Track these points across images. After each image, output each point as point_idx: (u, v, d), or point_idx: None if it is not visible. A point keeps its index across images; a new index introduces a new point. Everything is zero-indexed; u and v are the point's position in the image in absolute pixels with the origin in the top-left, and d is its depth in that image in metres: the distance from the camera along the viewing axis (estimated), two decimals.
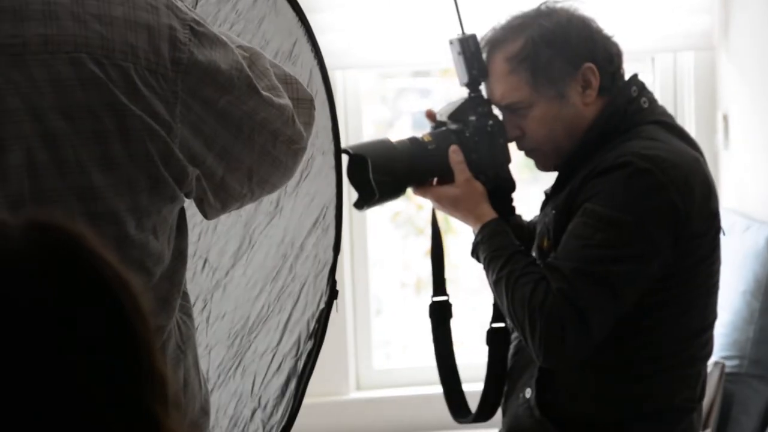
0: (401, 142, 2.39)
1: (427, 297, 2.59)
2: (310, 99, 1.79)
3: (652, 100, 2.42)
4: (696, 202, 2.26)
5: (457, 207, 2.44)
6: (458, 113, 2.48)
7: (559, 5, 2.43)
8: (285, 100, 1.72)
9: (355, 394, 3.90)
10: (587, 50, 2.37)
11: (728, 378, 3.23)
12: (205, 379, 1.79)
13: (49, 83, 1.54)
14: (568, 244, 2.25)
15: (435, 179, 2.46)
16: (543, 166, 2.46)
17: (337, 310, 1.90)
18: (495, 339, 2.48)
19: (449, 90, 3.93)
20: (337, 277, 1.93)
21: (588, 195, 2.25)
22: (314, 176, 1.95)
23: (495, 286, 2.33)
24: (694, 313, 2.33)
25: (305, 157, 1.83)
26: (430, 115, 2.51)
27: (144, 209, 1.59)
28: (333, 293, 1.90)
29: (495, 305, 2.46)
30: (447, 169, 2.43)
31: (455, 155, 2.42)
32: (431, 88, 4.34)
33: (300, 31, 1.94)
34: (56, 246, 1.27)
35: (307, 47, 1.94)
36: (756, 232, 3.31)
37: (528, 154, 2.45)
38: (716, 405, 3.21)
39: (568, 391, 2.35)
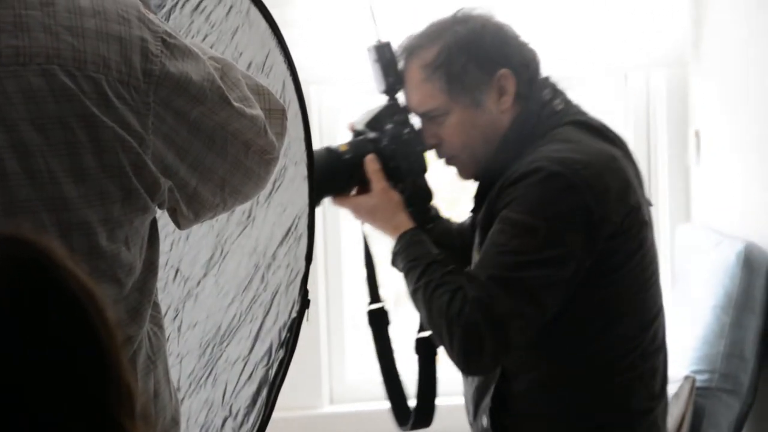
0: (317, 152, 2.33)
1: (406, 310, 2.59)
2: (282, 109, 1.80)
3: (567, 102, 2.41)
4: (611, 200, 2.25)
5: (375, 217, 2.44)
6: (375, 121, 2.48)
7: (475, 12, 2.42)
8: (257, 111, 1.73)
9: (328, 408, 3.89)
10: (502, 56, 2.37)
11: (699, 392, 3.24)
12: (175, 389, 1.80)
13: (21, 94, 1.55)
14: (486, 252, 2.25)
15: (354, 189, 2.45)
16: (463, 174, 2.45)
17: (308, 320, 1.90)
18: (423, 348, 2.46)
19: None
20: (311, 289, 1.93)
21: (504, 203, 2.25)
22: (286, 186, 1.96)
23: (413, 296, 2.33)
24: (635, 309, 2.33)
25: (278, 167, 1.84)
26: (351, 127, 2.51)
27: (116, 220, 1.59)
28: (305, 303, 1.91)
29: None
30: (364, 178, 2.43)
31: (372, 164, 2.42)
32: None
33: (273, 43, 1.96)
34: (23, 259, 1.27)
35: (280, 58, 1.95)
36: (727, 248, 3.33)
37: (447, 162, 2.44)
38: (687, 419, 3.22)
39: (521, 415, 2.35)
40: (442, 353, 2.40)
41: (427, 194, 2.48)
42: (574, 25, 3.69)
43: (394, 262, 2.42)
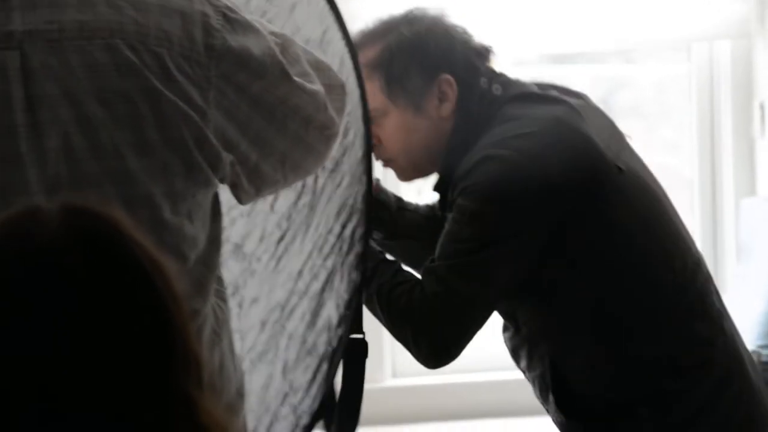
0: None
1: None
2: (341, 85, 1.81)
3: (506, 83, 2.31)
4: (563, 166, 2.16)
5: None
6: None
7: (427, 13, 2.34)
8: (317, 87, 1.75)
9: (390, 381, 3.91)
10: (445, 61, 2.28)
11: (765, 367, 3.22)
12: (240, 362, 1.81)
13: (85, 69, 1.59)
14: (442, 244, 2.18)
15: None
16: (401, 177, 2.38)
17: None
18: (355, 351, 2.22)
19: None
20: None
21: (456, 194, 2.17)
22: (348, 169, 1.98)
23: (367, 303, 2.21)
24: (652, 262, 2.24)
25: (337, 152, 1.85)
26: None
27: (179, 193, 1.62)
28: (363, 281, 1.92)
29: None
30: None
31: None
32: None
33: (330, 19, 1.96)
34: (92, 230, 1.29)
35: (337, 35, 1.96)
36: None
37: (384, 164, 2.35)
38: None
39: (582, 387, 2.31)
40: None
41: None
42: None
43: None
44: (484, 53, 2.32)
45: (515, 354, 2.33)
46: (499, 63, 2.40)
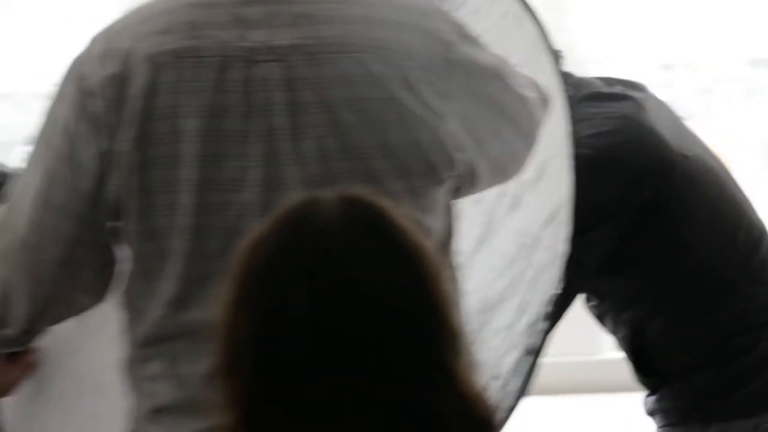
0: None
1: None
2: (546, 100, 2.01)
3: (576, 84, 2.52)
4: (636, 160, 2.47)
5: None
6: None
7: None
8: (531, 98, 1.95)
9: (608, 354, 4.06)
10: None
11: None
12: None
13: (338, 79, 1.80)
14: None
15: None
16: None
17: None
18: None
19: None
20: None
21: None
22: (552, 175, 2.18)
23: None
24: (719, 236, 2.53)
25: (543, 157, 2.06)
26: None
27: (417, 190, 1.81)
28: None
29: None
30: None
31: None
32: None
33: (542, 47, 2.17)
34: (364, 216, 1.50)
35: (548, 65, 2.16)
36: None
37: None
38: None
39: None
40: None
41: None
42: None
43: None
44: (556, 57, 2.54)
45: (601, 320, 2.62)
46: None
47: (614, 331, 2.60)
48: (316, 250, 1.48)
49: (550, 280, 2.16)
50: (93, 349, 2.17)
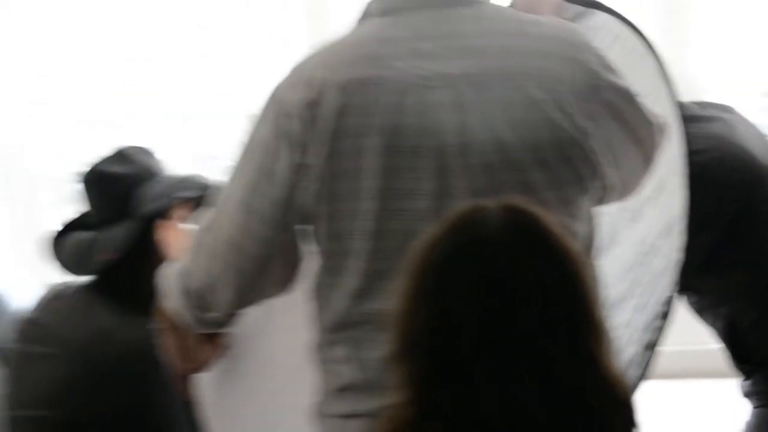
0: None
1: None
2: (665, 126, 2.23)
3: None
4: (731, 174, 2.74)
5: None
6: None
7: None
8: (655, 125, 2.17)
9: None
10: None
11: None
12: None
13: (501, 103, 2.01)
14: None
15: None
16: None
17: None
18: None
19: None
20: None
21: None
22: (670, 191, 2.43)
23: None
24: None
25: (661, 175, 2.28)
26: None
27: (568, 199, 2.03)
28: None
29: None
30: None
31: None
32: None
33: (660, 81, 2.43)
34: (523, 223, 1.69)
35: (666, 96, 2.42)
36: None
37: None
38: None
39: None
40: None
41: None
42: None
43: None
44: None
45: (700, 314, 2.87)
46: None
47: (713, 324, 2.87)
48: (482, 251, 1.65)
49: (665, 284, 2.40)
50: (276, 333, 2.38)
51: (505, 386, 1.62)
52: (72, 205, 2.82)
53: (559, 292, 1.65)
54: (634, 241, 2.45)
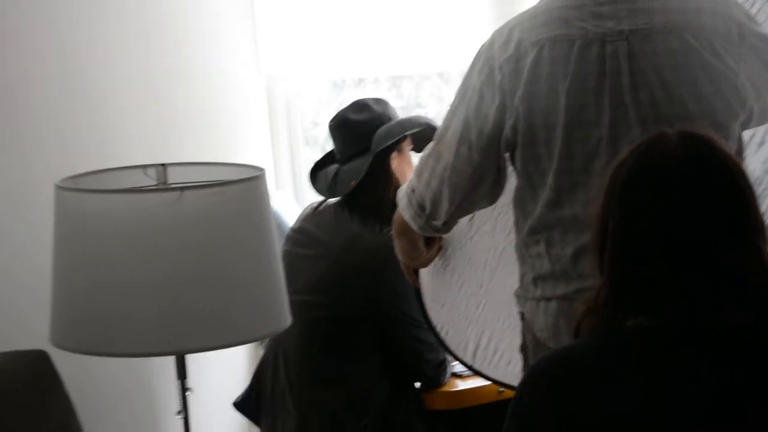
0: None
1: None
2: None
3: None
4: None
5: None
6: None
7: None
8: None
9: None
10: None
11: None
12: None
13: (665, 51, 2.35)
14: None
15: None
16: None
17: None
18: None
19: None
20: None
21: None
22: None
23: None
24: None
25: None
26: None
27: (720, 124, 2.34)
28: None
29: None
30: None
31: None
32: None
33: None
34: (699, 145, 1.84)
35: None
36: None
37: None
38: None
39: None
40: None
41: None
42: None
43: None
44: None
45: None
46: None
47: None
48: (666, 170, 1.80)
49: None
50: (478, 238, 2.83)
51: (678, 273, 1.77)
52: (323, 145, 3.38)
53: (733, 200, 1.79)
54: (761, 160, 2.73)
